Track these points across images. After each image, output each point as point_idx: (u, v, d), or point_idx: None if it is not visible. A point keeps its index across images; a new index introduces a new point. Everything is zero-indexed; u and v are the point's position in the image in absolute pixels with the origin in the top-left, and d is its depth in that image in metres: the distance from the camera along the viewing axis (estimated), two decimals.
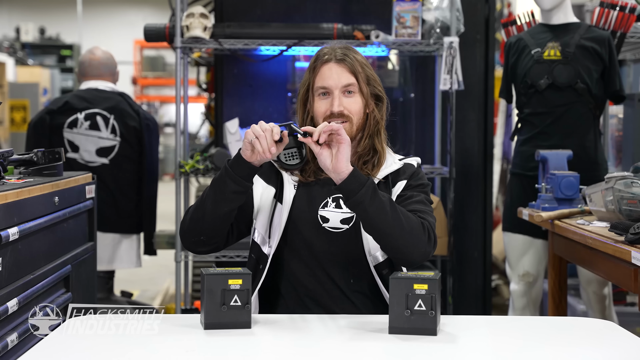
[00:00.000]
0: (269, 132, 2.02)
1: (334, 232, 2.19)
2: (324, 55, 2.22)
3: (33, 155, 2.87)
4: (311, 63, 2.25)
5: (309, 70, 2.25)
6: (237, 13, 4.53)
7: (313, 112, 2.23)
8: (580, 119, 3.63)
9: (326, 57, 2.21)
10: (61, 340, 1.85)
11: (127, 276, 6.07)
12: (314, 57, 2.26)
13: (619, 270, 2.61)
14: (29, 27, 14.34)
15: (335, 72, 2.20)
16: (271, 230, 2.22)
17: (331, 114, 2.18)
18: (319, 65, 2.22)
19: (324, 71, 2.21)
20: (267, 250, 2.20)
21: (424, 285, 1.84)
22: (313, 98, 2.23)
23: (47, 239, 2.75)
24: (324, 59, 2.22)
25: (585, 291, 3.70)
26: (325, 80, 2.20)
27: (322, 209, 2.20)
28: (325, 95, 2.21)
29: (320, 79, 2.21)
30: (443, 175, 4.22)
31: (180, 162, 4.17)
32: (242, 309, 1.89)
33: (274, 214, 2.22)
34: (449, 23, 4.13)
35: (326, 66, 2.21)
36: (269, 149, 2.02)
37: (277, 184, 2.25)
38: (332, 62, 2.21)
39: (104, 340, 1.84)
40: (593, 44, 3.60)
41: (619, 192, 2.70)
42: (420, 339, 1.83)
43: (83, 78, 4.45)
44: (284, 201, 2.20)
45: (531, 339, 1.88)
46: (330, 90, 2.20)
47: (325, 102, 2.20)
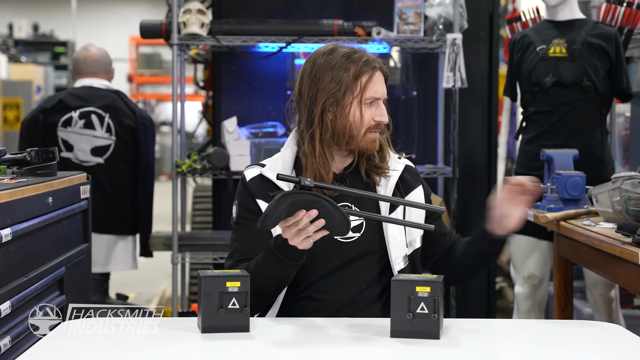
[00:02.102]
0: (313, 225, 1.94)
1: (344, 242, 2.19)
2: (372, 61, 2.19)
3: (26, 154, 2.87)
4: (354, 67, 2.16)
5: (349, 74, 2.16)
6: (235, 9, 4.52)
7: (351, 119, 2.16)
8: (586, 118, 3.63)
9: (375, 65, 2.19)
10: (60, 341, 1.86)
11: (123, 278, 6.07)
12: (354, 60, 2.17)
13: (626, 272, 2.62)
14: (22, 24, 14.34)
15: (381, 81, 2.20)
16: None
17: (378, 124, 2.19)
18: (368, 72, 2.18)
19: (376, 79, 2.19)
20: None
21: (427, 288, 1.84)
22: (358, 105, 2.17)
23: (41, 241, 2.75)
24: (373, 65, 2.19)
25: (592, 294, 3.70)
26: (378, 90, 2.19)
27: None
28: (372, 104, 2.19)
29: (373, 87, 2.18)
30: (446, 175, 4.22)
31: (177, 162, 4.17)
32: (240, 312, 1.89)
33: None
34: (452, 19, 4.13)
35: (377, 74, 2.19)
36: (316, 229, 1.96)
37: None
38: (378, 70, 2.20)
39: (101, 344, 1.84)
40: (599, 40, 3.60)
41: (626, 193, 2.70)
42: (422, 343, 1.83)
43: (77, 76, 4.45)
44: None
45: (536, 343, 1.88)
46: (379, 100, 2.20)
47: (371, 110, 2.19)
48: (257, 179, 2.21)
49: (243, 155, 4.15)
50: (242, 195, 2.22)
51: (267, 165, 2.23)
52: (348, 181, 2.22)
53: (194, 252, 4.23)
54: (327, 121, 2.16)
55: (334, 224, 1.93)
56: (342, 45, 2.23)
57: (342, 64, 2.16)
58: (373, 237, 2.19)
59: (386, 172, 2.24)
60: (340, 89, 2.15)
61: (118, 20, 16.20)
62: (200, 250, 4.21)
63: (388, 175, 2.24)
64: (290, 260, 2.03)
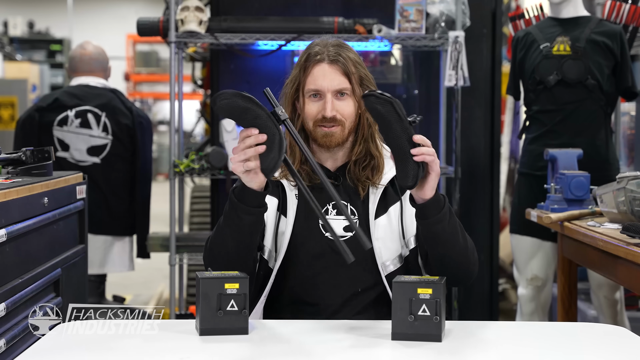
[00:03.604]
0: (252, 149, 1.92)
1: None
2: (316, 54, 2.19)
3: (21, 154, 2.87)
4: (301, 60, 2.22)
5: (298, 68, 2.22)
6: (234, 6, 4.52)
7: (303, 113, 2.21)
8: (590, 117, 3.63)
9: (318, 57, 2.18)
10: (60, 341, 1.86)
11: (120, 280, 6.07)
12: (304, 53, 2.23)
13: (631, 273, 2.62)
14: (17, 21, 14.34)
15: (328, 73, 2.17)
16: (277, 244, 2.20)
17: (323, 118, 2.17)
18: (310, 65, 2.19)
19: (316, 72, 2.18)
20: (272, 264, 2.19)
21: (428, 290, 1.84)
22: (303, 99, 2.21)
23: (36, 242, 2.75)
24: (316, 59, 2.19)
25: (596, 296, 3.70)
26: (317, 83, 2.18)
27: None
28: (316, 97, 2.19)
29: (312, 81, 2.18)
30: (448, 175, 4.22)
31: (175, 162, 4.17)
32: (239, 314, 1.89)
33: (278, 226, 2.20)
34: (455, 16, 4.13)
35: (318, 67, 2.18)
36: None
37: (278, 194, 2.22)
38: (325, 62, 2.18)
39: (97, 346, 1.84)
40: (604, 38, 3.60)
41: (631, 193, 2.70)
42: (424, 346, 1.83)
43: (73, 74, 4.45)
44: (288, 214, 2.19)
45: (540, 346, 1.88)
46: (323, 93, 2.18)
47: (317, 104, 2.19)
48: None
49: None
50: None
51: None
52: (342, 179, 2.22)
53: (192, 254, 4.23)
54: (299, 118, 2.23)
55: (268, 158, 1.92)
56: (318, 41, 2.26)
57: (299, 61, 2.24)
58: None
59: (376, 185, 2.21)
60: (293, 83, 2.24)
61: (115, 17, 16.19)
62: (198, 252, 4.21)
63: (377, 185, 2.21)
64: (242, 205, 2.01)
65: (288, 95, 2.25)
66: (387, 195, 2.22)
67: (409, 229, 2.21)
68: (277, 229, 2.20)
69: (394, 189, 2.23)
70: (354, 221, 2.15)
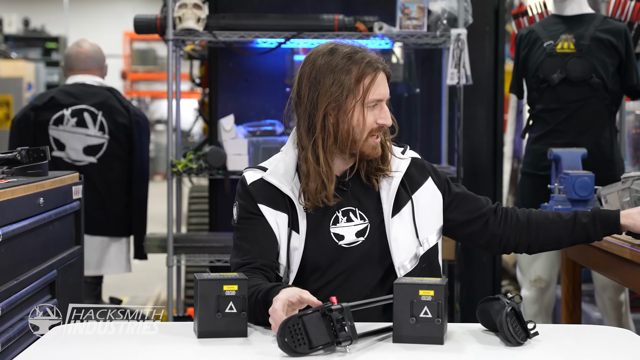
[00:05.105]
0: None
1: (347, 248, 2.19)
2: (375, 62, 2.17)
3: (17, 153, 2.87)
4: (356, 69, 2.14)
5: (352, 77, 2.14)
6: (233, 4, 4.52)
7: (354, 123, 2.15)
8: (595, 116, 3.63)
9: (378, 65, 2.17)
10: (59, 341, 1.87)
11: (116, 281, 6.07)
12: (355, 61, 2.15)
13: (636, 275, 2.61)
14: (13, 18, 14.32)
15: (383, 81, 2.18)
16: (290, 260, 2.19)
17: (380, 126, 2.17)
18: (371, 73, 2.15)
19: (379, 81, 2.17)
20: (285, 280, 2.19)
21: (430, 292, 1.84)
22: (361, 108, 2.15)
23: (32, 243, 2.75)
24: (375, 66, 2.16)
25: (601, 297, 3.70)
26: (380, 92, 2.17)
27: (334, 225, 2.19)
28: (374, 107, 2.18)
29: (377, 90, 2.16)
30: (450, 175, 4.22)
31: (173, 161, 4.17)
32: (237, 316, 1.88)
33: (290, 242, 2.19)
34: (457, 14, 4.13)
35: (380, 75, 2.17)
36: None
37: (288, 210, 2.20)
38: (382, 71, 2.18)
39: (95, 348, 1.84)
40: (609, 36, 3.60)
41: (636, 193, 2.70)
42: (426, 349, 1.83)
43: (69, 72, 4.44)
44: (300, 230, 2.18)
45: (543, 348, 1.88)
46: (381, 102, 2.18)
47: (373, 113, 2.17)
48: (258, 183, 2.21)
49: (240, 155, 4.15)
50: (243, 198, 2.22)
51: (269, 169, 2.23)
52: (350, 184, 2.22)
53: (190, 255, 4.23)
54: (329, 126, 2.15)
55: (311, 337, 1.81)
56: (342, 44, 2.20)
57: (344, 66, 2.14)
58: (377, 241, 2.20)
59: (388, 174, 2.23)
60: (343, 93, 2.13)
61: (111, 15, 16.20)
62: (196, 253, 4.21)
63: (390, 176, 2.24)
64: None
65: (325, 100, 2.13)
66: (398, 196, 2.23)
67: (423, 228, 2.22)
68: (289, 245, 2.19)
69: (405, 190, 2.24)
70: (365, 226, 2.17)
